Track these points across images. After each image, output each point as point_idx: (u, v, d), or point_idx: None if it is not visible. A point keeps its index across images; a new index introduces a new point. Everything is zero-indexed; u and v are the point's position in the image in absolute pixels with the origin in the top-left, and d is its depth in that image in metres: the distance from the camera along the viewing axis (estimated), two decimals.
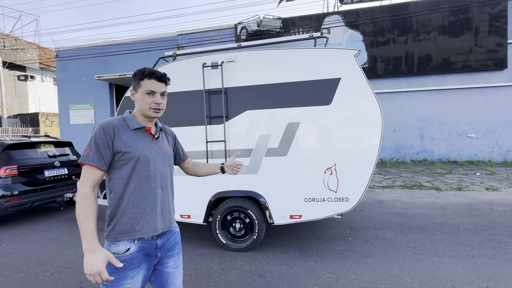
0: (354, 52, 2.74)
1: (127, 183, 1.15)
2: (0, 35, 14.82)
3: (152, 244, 1.18)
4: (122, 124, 1.18)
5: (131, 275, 1.12)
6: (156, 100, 1.18)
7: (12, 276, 2.59)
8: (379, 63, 9.29)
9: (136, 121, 1.20)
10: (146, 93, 1.17)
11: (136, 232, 1.14)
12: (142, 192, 1.16)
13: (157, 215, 1.20)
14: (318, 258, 2.74)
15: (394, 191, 5.65)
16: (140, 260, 1.15)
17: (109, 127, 1.13)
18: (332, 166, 2.74)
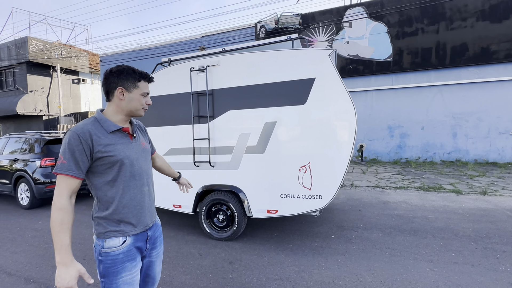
0: (329, 52, 2.76)
1: (114, 186, 1.16)
2: (58, 45, 17.18)
3: (143, 236, 1.25)
4: (97, 127, 1.14)
5: (129, 267, 1.16)
6: (148, 101, 1.26)
7: (38, 245, 3.21)
8: (405, 56, 8.66)
9: (111, 122, 1.18)
10: (142, 95, 1.22)
11: (129, 230, 1.18)
12: (130, 193, 1.19)
13: (146, 210, 1.26)
14: (290, 252, 2.86)
15: (406, 193, 5.35)
16: (135, 252, 1.20)
17: (84, 134, 1.08)
18: (306, 164, 2.82)
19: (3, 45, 16.16)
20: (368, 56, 9.08)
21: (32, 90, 16.03)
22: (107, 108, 1.22)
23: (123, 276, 1.13)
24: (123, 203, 1.17)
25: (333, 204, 4.71)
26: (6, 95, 16.57)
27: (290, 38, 3.04)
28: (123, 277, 1.14)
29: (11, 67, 16.23)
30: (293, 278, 2.35)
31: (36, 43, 15.78)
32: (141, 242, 1.23)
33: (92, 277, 1.07)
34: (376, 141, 9.34)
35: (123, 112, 1.21)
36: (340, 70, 9.36)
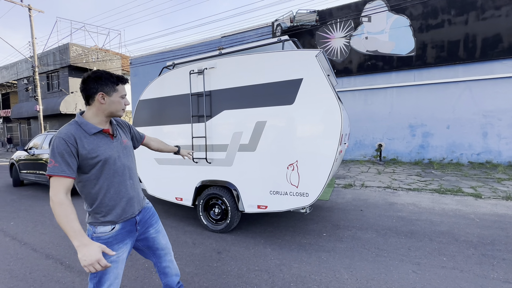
0: (316, 53, 2.80)
1: (98, 183, 1.29)
2: (95, 49, 18.77)
3: (132, 221, 1.43)
4: (79, 130, 1.26)
5: (116, 247, 1.33)
6: (126, 102, 1.40)
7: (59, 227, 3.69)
8: (429, 50, 8.13)
9: (92, 125, 1.29)
10: (121, 97, 1.36)
11: (119, 217, 1.36)
12: (114, 188, 1.33)
13: (132, 200, 1.42)
14: (277, 247, 2.97)
15: (418, 195, 5.12)
16: (124, 235, 1.38)
17: (69, 137, 1.20)
18: (294, 162, 2.91)
19: (49, 52, 18.08)
20: (388, 51, 8.68)
21: (73, 91, 17.74)
22: (87, 111, 1.33)
23: (111, 256, 1.27)
24: (108, 197, 1.31)
25: (336, 203, 4.69)
26: (51, 96, 18.55)
27: (281, 40, 3.13)
28: (111, 256, 1.28)
29: (56, 71, 18.11)
30: (272, 270, 2.47)
31: (76, 48, 17.41)
32: (130, 227, 1.42)
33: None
34: (396, 141, 8.93)
35: (104, 114, 1.33)
36: (358, 66, 9.10)
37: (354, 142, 9.64)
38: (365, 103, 9.34)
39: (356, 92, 9.45)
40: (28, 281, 2.40)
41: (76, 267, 2.63)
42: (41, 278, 2.45)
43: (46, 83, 18.90)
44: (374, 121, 9.20)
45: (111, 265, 1.23)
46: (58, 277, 2.46)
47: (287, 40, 3.14)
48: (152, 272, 2.50)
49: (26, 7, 13.98)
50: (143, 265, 2.63)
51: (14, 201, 5.37)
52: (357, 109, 9.48)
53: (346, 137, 3.82)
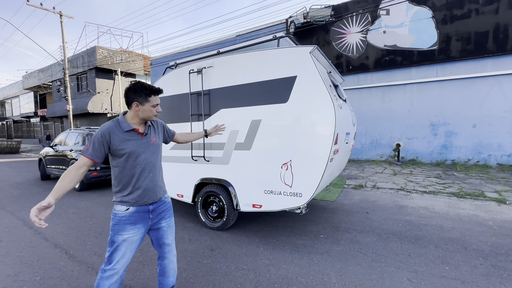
0: (309, 49, 2.71)
1: (124, 171, 1.60)
2: (119, 51, 19.78)
3: (145, 208, 1.66)
4: (117, 127, 1.59)
5: (129, 228, 1.59)
6: (158, 109, 1.67)
7: (74, 220, 3.95)
8: (454, 43, 7.55)
9: (127, 124, 1.61)
10: (152, 106, 1.63)
11: (134, 202, 1.61)
12: (135, 176, 1.61)
13: (148, 190, 1.65)
14: (270, 247, 2.95)
15: (434, 198, 4.80)
16: (136, 219, 1.62)
17: (105, 132, 1.54)
18: (288, 162, 2.85)
19: (79, 55, 19.34)
20: (408, 45, 8.19)
21: (99, 91, 18.84)
22: (128, 113, 1.67)
23: (123, 234, 1.57)
24: (128, 183, 1.61)
25: (341, 205, 4.54)
26: (80, 96, 19.85)
27: (276, 37, 3.07)
28: (123, 234, 1.57)
29: (84, 73, 19.34)
30: (260, 270, 2.45)
31: (102, 51, 18.44)
32: (143, 213, 1.66)
33: None
34: (416, 140, 8.43)
35: (138, 118, 1.65)
36: (375, 62, 8.71)
37: (371, 142, 9.24)
38: (382, 101, 8.91)
39: (373, 89, 9.05)
40: (34, 267, 2.60)
41: (78, 256, 2.81)
42: (46, 265, 2.64)
43: (76, 84, 20.26)
44: (392, 119, 8.75)
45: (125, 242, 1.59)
46: (60, 265, 2.63)
47: (282, 37, 3.07)
48: (144, 266, 2.59)
49: (58, 14, 15.02)
50: (138, 258, 2.74)
51: (39, 193, 5.83)
52: (373, 106, 9.07)
53: (349, 136, 3.67)
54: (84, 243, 3.15)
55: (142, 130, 1.67)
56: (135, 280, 2.34)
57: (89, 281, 2.34)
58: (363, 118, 9.28)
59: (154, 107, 1.64)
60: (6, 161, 12.60)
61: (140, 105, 1.60)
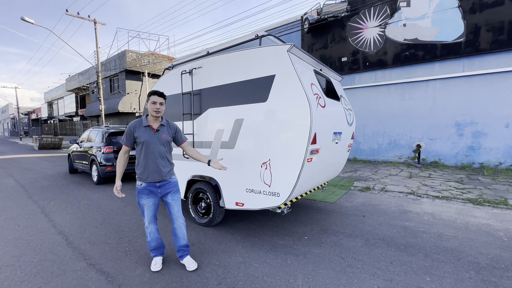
0: (287, 47, 2.68)
1: (140, 155, 2.35)
2: (147, 54, 20.98)
3: (154, 185, 2.37)
4: (139, 123, 2.36)
5: (144, 197, 2.37)
6: (156, 107, 2.30)
7: (84, 211, 4.33)
8: (483, 34, 6.83)
9: (146, 121, 2.36)
10: (151, 103, 2.30)
11: (145, 179, 2.34)
12: (148, 161, 2.33)
13: (155, 173, 2.35)
14: (249, 245, 2.96)
15: (445, 204, 4.43)
16: (148, 192, 2.37)
17: (132, 126, 2.34)
18: (267, 161, 2.85)
19: (111, 59, 20.86)
20: (430, 38, 7.59)
21: (129, 92, 20.16)
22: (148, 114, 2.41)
23: (142, 199, 2.38)
24: (144, 165, 2.34)
25: (339, 207, 4.39)
26: (113, 97, 21.41)
27: (258, 36, 3.06)
28: (142, 200, 2.38)
29: (116, 75, 20.82)
30: (230, 267, 2.49)
31: (131, 54, 19.69)
32: (152, 188, 2.37)
33: None
34: (438, 141, 7.79)
35: (150, 115, 2.35)
36: (394, 58, 8.21)
37: (388, 142, 8.73)
38: (401, 98, 8.36)
39: (391, 86, 8.53)
40: (36, 251, 2.92)
41: (75, 243, 3.08)
42: (46, 249, 2.95)
43: (109, 86, 21.89)
44: (412, 118, 8.17)
45: (145, 205, 2.39)
46: (57, 250, 2.92)
47: (264, 36, 3.06)
48: (127, 255, 2.76)
49: (92, 21, 16.35)
50: (124, 248, 2.93)
51: (64, 185, 6.45)
52: (392, 105, 8.55)
53: (341, 136, 3.53)
54: (83, 232, 3.45)
55: (155, 127, 2.36)
56: (115, 268, 2.51)
57: (75, 266, 2.57)
58: (380, 117, 8.80)
59: (153, 104, 2.29)
60: (47, 156, 14.07)
61: (147, 103, 2.34)
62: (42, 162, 11.43)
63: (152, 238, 2.48)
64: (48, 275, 2.41)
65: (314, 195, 5.07)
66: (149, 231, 2.45)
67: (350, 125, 3.92)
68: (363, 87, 9.12)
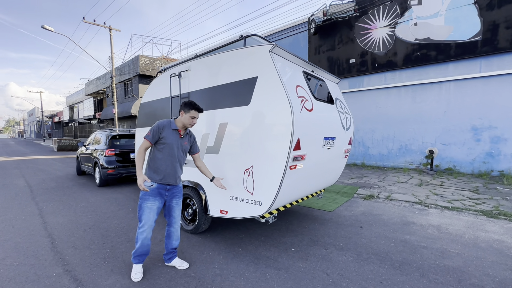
0: (269, 48, 2.53)
1: (159, 155, 2.34)
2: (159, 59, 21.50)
3: (164, 187, 2.38)
4: (169, 124, 2.38)
5: (151, 199, 2.31)
6: (194, 122, 2.42)
7: (79, 214, 4.36)
8: (502, 31, 6.34)
9: (175, 125, 2.40)
10: (191, 117, 2.37)
11: (159, 180, 2.33)
12: (167, 162, 2.35)
13: (171, 175, 2.38)
14: (231, 256, 2.81)
15: (455, 216, 4.07)
16: (156, 193, 2.33)
17: (162, 124, 2.34)
18: (249, 168, 2.71)
19: (126, 64, 21.55)
20: (443, 37, 7.16)
21: (141, 96, 20.68)
22: (178, 118, 2.44)
23: (147, 202, 2.31)
24: (160, 164, 2.33)
25: (337, 216, 4.14)
26: (127, 101, 22.07)
27: (242, 37, 2.94)
28: (147, 203, 2.31)
29: (129, 79, 21.46)
30: (205, 279, 2.35)
31: (144, 59, 20.24)
32: (162, 190, 2.36)
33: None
34: (453, 146, 7.29)
35: (181, 123, 2.40)
36: (405, 58, 7.83)
37: (399, 147, 8.29)
38: (413, 101, 7.93)
39: (402, 89, 8.12)
40: (20, 253, 2.92)
41: (59, 247, 3.07)
42: (30, 253, 2.94)
43: (123, 90, 22.60)
44: (424, 122, 7.72)
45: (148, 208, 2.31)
46: (40, 254, 2.91)
47: (249, 36, 2.93)
48: (106, 262, 2.70)
49: (107, 28, 16.97)
50: (104, 254, 2.87)
51: (68, 187, 6.60)
52: (402, 108, 8.13)
53: (334, 141, 3.32)
54: (71, 235, 3.44)
55: (182, 133, 2.42)
56: (89, 275, 2.45)
57: (52, 271, 2.53)
58: (390, 120, 8.40)
59: (192, 119, 2.38)
60: (62, 157, 14.64)
61: (184, 114, 2.36)
62: (56, 163, 11.87)
63: (143, 244, 2.36)
64: (22, 280, 2.38)
65: (312, 203, 4.84)
66: (144, 236, 2.33)
67: (346, 130, 3.70)
68: (372, 89, 8.75)
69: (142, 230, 2.32)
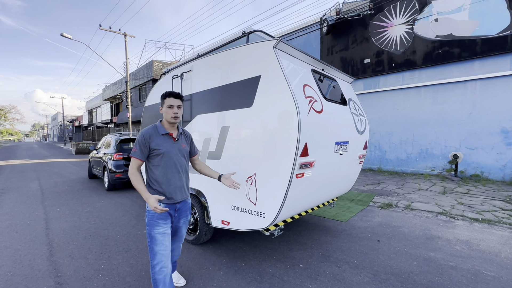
0: (273, 43, 2.30)
1: (157, 169, 1.84)
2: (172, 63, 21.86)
3: (173, 206, 1.90)
4: (155, 131, 1.87)
5: (161, 223, 1.81)
6: (174, 111, 1.86)
7: (83, 220, 4.28)
8: None
9: (163, 128, 1.89)
10: (168, 107, 1.85)
11: (163, 199, 1.82)
12: (168, 175, 1.85)
13: (177, 189, 1.89)
14: (233, 271, 2.57)
15: (487, 229, 3.62)
16: (166, 215, 1.84)
17: (146, 134, 1.82)
18: (252, 175, 2.47)
19: (140, 69, 22.05)
20: (468, 33, 6.64)
21: None
22: (162, 119, 1.95)
23: (157, 228, 1.79)
24: (162, 181, 1.84)
25: (351, 227, 3.80)
26: (141, 105, 22.52)
27: (245, 33, 2.73)
28: (158, 228, 1.79)
29: (144, 84, 21.91)
30: None
31: (158, 64, 20.60)
32: (171, 210, 1.89)
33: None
34: (480, 151, 6.70)
35: (166, 121, 1.90)
36: (425, 57, 7.35)
37: (419, 151, 7.76)
38: (434, 102, 7.41)
39: (421, 89, 7.62)
40: (16, 262, 2.82)
41: (55, 256, 2.95)
42: (26, 262, 2.84)
43: (138, 94, 23.10)
44: (447, 124, 7.17)
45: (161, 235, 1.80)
46: (35, 263, 2.79)
47: (252, 32, 2.71)
48: (98, 275, 2.54)
49: (122, 34, 17.41)
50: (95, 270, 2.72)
51: (78, 191, 6.63)
52: (423, 109, 7.62)
53: (348, 146, 3.02)
54: (70, 243, 3.33)
55: (174, 135, 1.93)
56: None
57: (42, 284, 2.39)
58: (409, 123, 7.89)
59: (170, 108, 1.85)
60: (78, 160, 15.02)
61: (162, 108, 1.90)
62: (72, 166, 12.16)
63: (165, 282, 1.78)
64: None
65: (324, 212, 4.51)
66: (164, 275, 1.76)
67: (361, 133, 3.38)
68: (388, 90, 8.29)
69: (159, 268, 1.74)
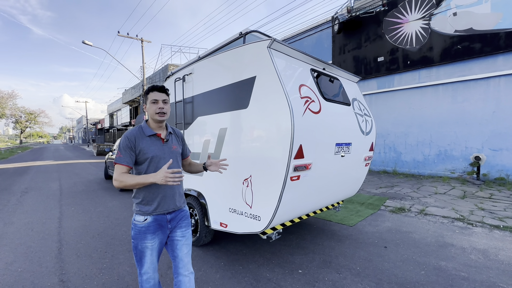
0: (267, 43, 2.26)
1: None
2: None
3: (163, 217, 1.60)
4: (140, 132, 1.58)
5: (149, 237, 1.55)
6: (159, 106, 1.58)
7: (94, 219, 4.44)
8: None
9: (149, 129, 1.60)
10: (151, 102, 1.58)
11: (151, 211, 1.56)
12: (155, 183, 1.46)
13: (167, 198, 1.60)
14: (229, 274, 2.54)
15: (508, 238, 3.35)
16: (155, 228, 1.57)
17: (131, 136, 1.55)
18: (248, 178, 2.44)
19: (157, 73, 22.74)
20: (490, 27, 6.21)
21: None
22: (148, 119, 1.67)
23: (145, 242, 1.54)
24: (149, 190, 1.56)
25: (358, 232, 3.65)
26: None
27: (241, 34, 2.70)
28: (145, 242, 1.54)
29: None
30: None
31: (173, 68, 21.15)
32: (161, 222, 1.59)
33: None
34: (505, 152, 6.23)
35: (152, 120, 1.62)
36: (443, 53, 6.98)
37: (437, 153, 7.35)
38: (453, 101, 6.99)
39: (439, 87, 7.22)
40: (27, 259, 2.97)
41: (63, 254, 3.07)
42: (35, 259, 2.98)
43: None
44: (468, 124, 6.74)
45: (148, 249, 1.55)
46: (43, 261, 2.92)
47: (248, 32, 2.69)
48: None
49: (139, 40, 18.06)
50: None
51: (94, 191, 6.91)
52: (441, 108, 7.22)
53: (350, 148, 2.90)
54: (78, 241, 3.46)
55: (163, 136, 1.65)
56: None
57: (47, 281, 2.49)
58: (426, 123, 7.51)
59: (154, 104, 1.57)
60: (98, 161, 15.69)
61: (145, 105, 1.62)
62: (91, 167, 12.72)
63: None
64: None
65: (331, 215, 4.38)
66: (152, 284, 1.61)
67: (366, 134, 3.24)
68: (404, 89, 7.94)
69: (146, 277, 1.59)
